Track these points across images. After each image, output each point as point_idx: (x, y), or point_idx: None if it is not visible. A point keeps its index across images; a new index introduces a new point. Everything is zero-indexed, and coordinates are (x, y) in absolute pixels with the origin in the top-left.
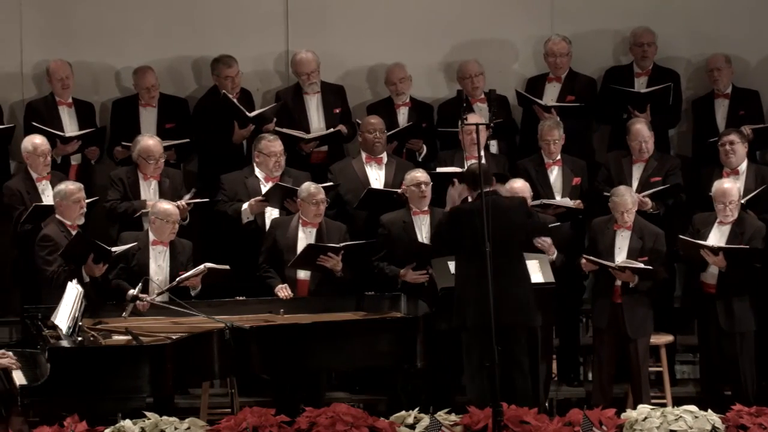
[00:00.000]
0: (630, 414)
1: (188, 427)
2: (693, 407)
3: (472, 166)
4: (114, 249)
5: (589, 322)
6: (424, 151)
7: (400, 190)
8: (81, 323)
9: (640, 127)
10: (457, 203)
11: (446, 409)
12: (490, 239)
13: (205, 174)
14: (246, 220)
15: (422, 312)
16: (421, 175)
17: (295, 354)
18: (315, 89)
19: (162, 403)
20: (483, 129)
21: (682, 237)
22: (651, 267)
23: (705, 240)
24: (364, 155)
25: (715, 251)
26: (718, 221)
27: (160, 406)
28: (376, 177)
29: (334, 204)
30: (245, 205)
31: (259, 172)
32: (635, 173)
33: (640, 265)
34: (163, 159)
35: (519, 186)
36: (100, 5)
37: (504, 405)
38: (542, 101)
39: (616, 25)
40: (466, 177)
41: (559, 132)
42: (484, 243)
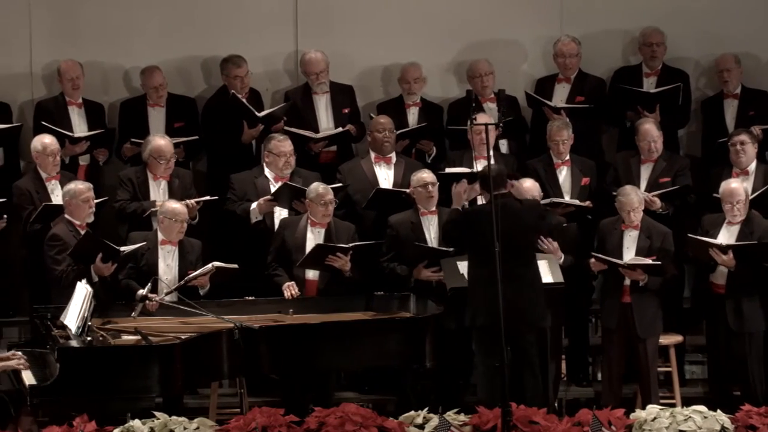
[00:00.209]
0: (639, 414)
1: (197, 427)
2: (702, 407)
3: (486, 168)
4: (123, 248)
5: (599, 322)
6: (434, 153)
7: (408, 190)
8: (90, 323)
9: (649, 127)
10: (463, 200)
11: (455, 409)
12: (499, 241)
13: (215, 174)
14: (255, 220)
15: (431, 312)
16: (427, 176)
17: (304, 354)
18: (324, 89)
19: (171, 403)
20: (492, 129)
21: (691, 236)
22: (660, 262)
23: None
24: (373, 155)
25: (723, 249)
26: (727, 221)
27: (169, 406)
28: (385, 177)
29: (343, 204)
30: (254, 205)
31: (268, 172)
32: (644, 173)
33: (649, 261)
34: (174, 159)
35: (528, 186)
36: (110, 5)
37: (513, 405)
38: (551, 102)
39: (625, 26)
40: (480, 179)
41: (568, 132)
42: (494, 244)
